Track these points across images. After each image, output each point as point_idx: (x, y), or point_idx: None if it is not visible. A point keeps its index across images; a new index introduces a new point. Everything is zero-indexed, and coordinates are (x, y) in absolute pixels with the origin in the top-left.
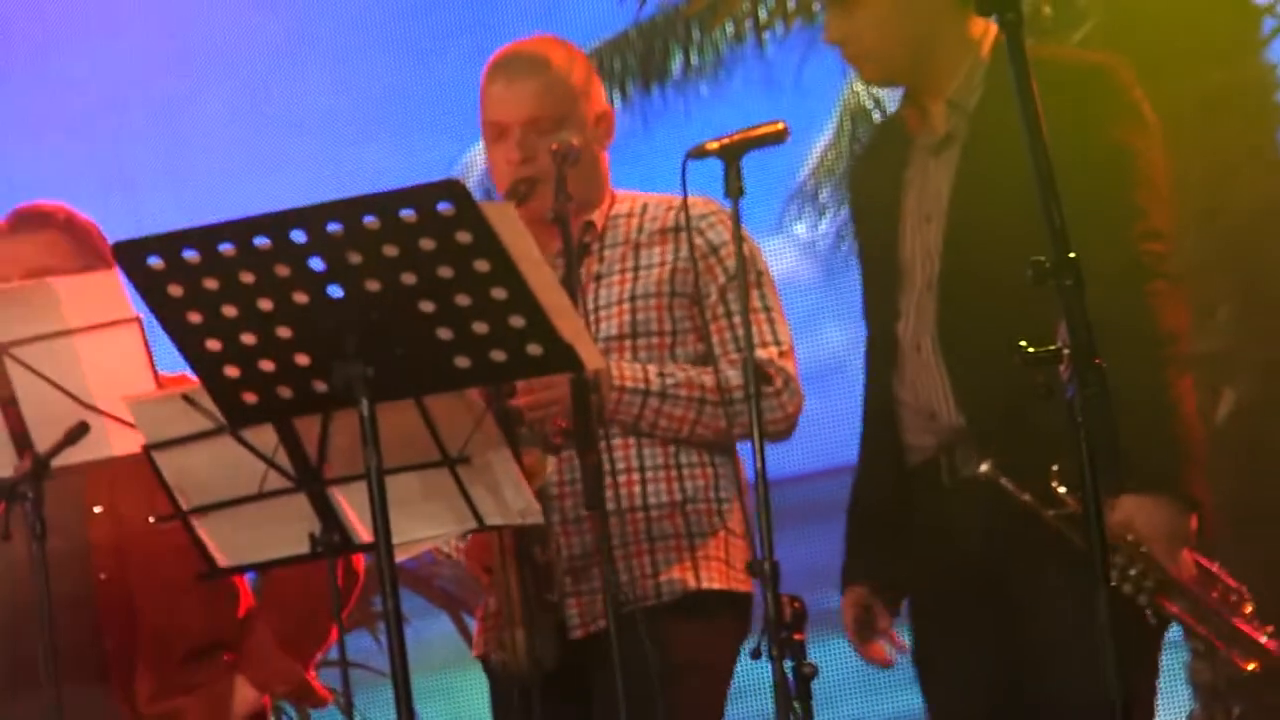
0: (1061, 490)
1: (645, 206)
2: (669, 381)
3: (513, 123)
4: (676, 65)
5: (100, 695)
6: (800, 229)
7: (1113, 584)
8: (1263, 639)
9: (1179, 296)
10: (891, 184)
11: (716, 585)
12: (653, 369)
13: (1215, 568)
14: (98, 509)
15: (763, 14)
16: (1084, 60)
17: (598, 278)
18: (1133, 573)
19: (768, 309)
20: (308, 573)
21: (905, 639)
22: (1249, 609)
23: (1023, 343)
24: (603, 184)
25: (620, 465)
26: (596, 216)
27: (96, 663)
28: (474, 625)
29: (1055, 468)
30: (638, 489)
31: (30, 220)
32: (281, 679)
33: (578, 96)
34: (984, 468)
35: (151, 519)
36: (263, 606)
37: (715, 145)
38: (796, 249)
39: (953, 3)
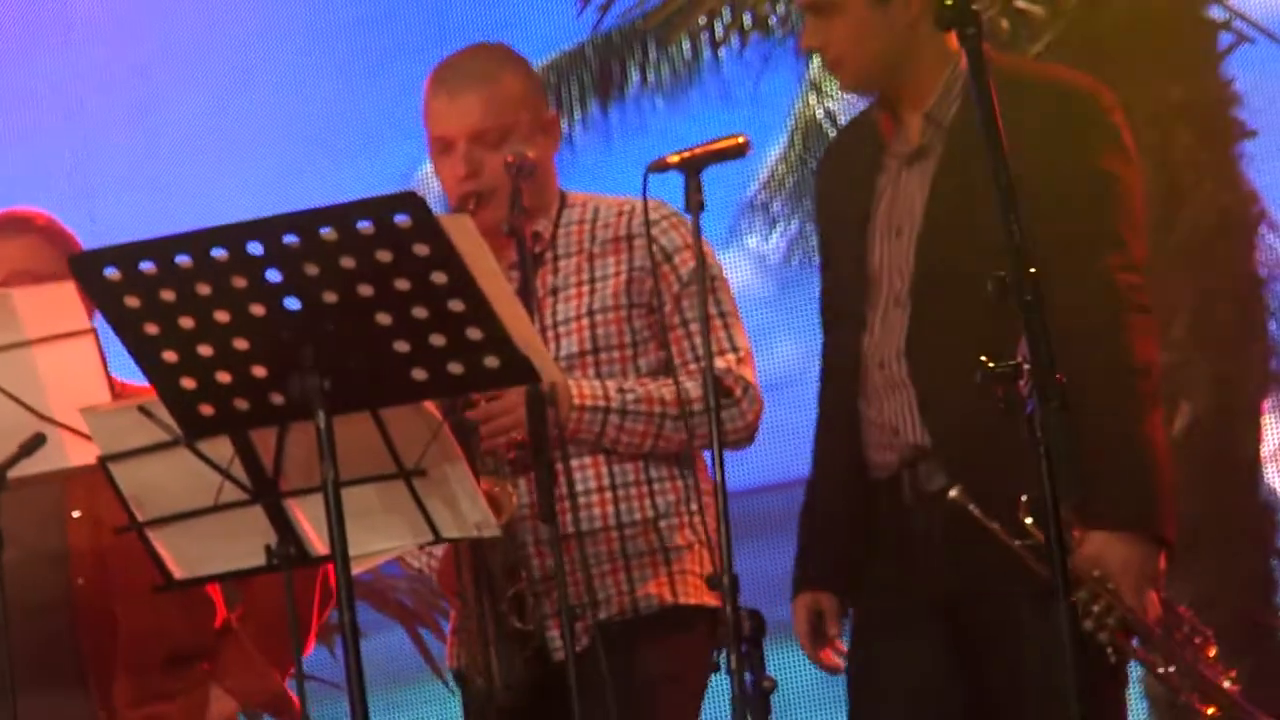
0: (1029, 521)
1: (596, 211)
2: (629, 398)
3: (457, 137)
4: (634, 81)
5: (78, 700)
6: (753, 242)
7: (1075, 620)
8: (1225, 683)
9: (1152, 329)
10: (862, 190)
11: (691, 600)
12: (612, 385)
13: (1182, 609)
14: (76, 514)
15: (719, 29)
16: (1067, 80)
17: (554, 291)
18: (1095, 609)
19: (724, 314)
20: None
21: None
22: (1213, 651)
23: (984, 358)
24: (552, 191)
25: (591, 484)
26: (545, 224)
27: (74, 668)
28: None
29: (1024, 498)
30: (610, 508)
31: (11, 224)
32: (259, 689)
33: (521, 106)
34: (953, 493)
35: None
36: (241, 616)
37: (676, 159)
38: (749, 262)
39: (930, 14)
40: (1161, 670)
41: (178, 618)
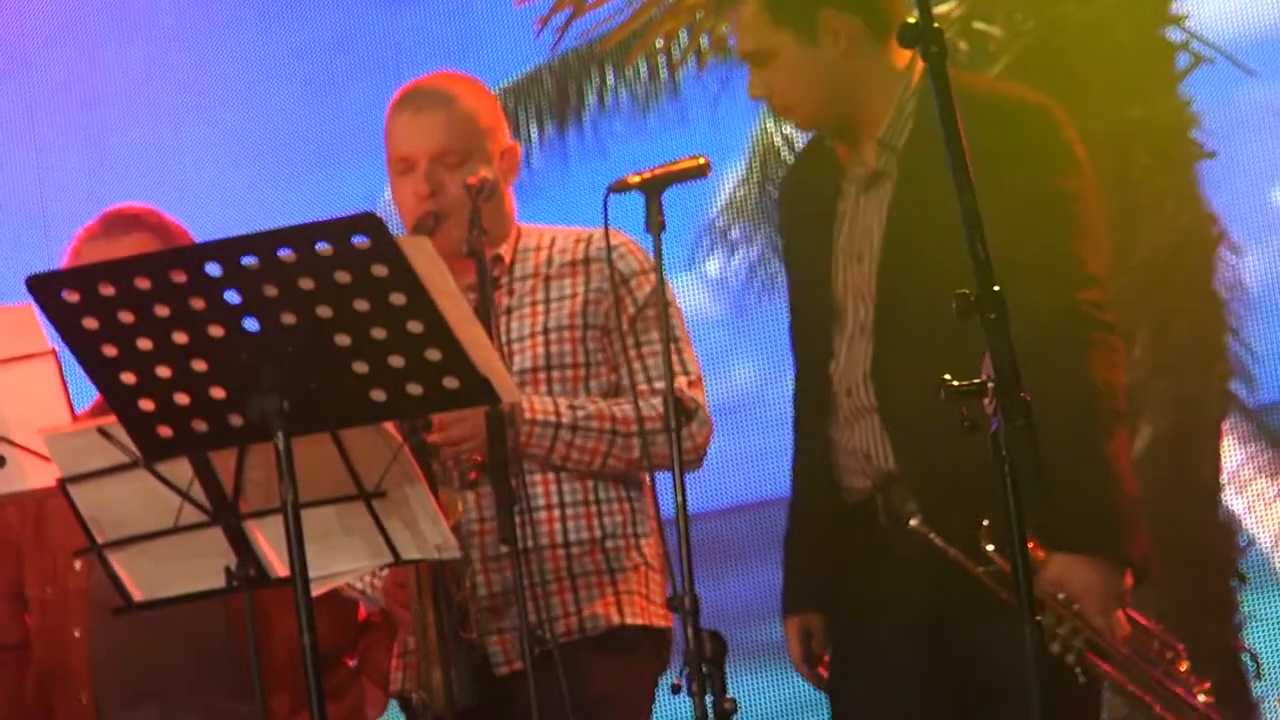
0: (989, 548)
1: (553, 239)
2: (580, 414)
3: (419, 156)
4: (591, 103)
5: (243, 710)
6: (711, 266)
7: (1040, 641)
8: (1200, 697)
9: (1116, 349)
10: (823, 215)
11: (639, 620)
12: (563, 401)
13: (1152, 624)
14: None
15: (676, 52)
16: (1018, 98)
17: (508, 311)
18: (1061, 631)
19: (675, 339)
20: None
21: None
22: (1184, 666)
23: (947, 376)
24: (509, 218)
25: (540, 502)
26: (505, 248)
27: (235, 676)
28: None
29: (985, 523)
30: (558, 525)
31: (120, 222)
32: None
33: (484, 131)
34: (914, 523)
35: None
36: (381, 616)
37: (637, 179)
38: (706, 286)
39: (868, 40)
40: (1131, 689)
41: (325, 620)
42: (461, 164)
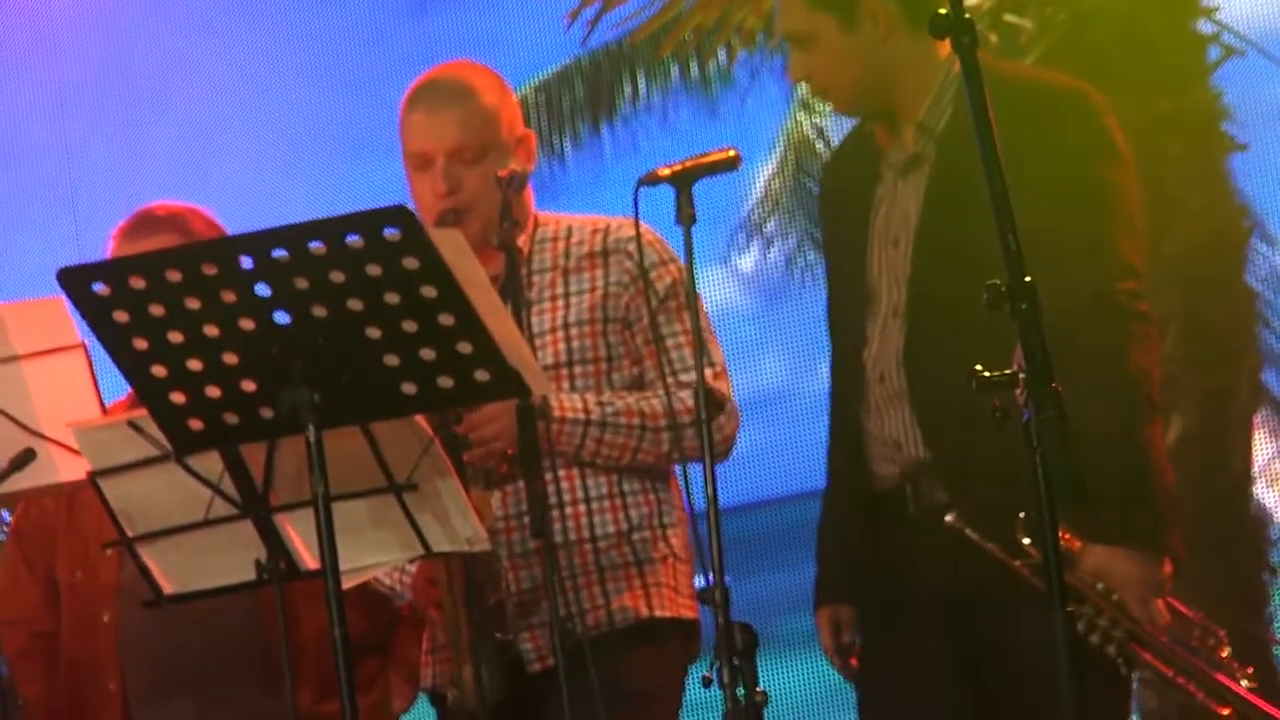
0: (1026, 542)
1: (570, 230)
2: (608, 410)
3: (436, 153)
4: (623, 99)
5: (270, 700)
6: (740, 260)
7: (1081, 634)
8: (1243, 682)
9: (1153, 337)
10: (861, 200)
11: (667, 613)
12: (591, 398)
13: (1192, 612)
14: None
15: (706, 46)
16: (1057, 84)
17: (528, 305)
18: (1102, 622)
19: (700, 331)
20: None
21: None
22: (1225, 652)
23: (978, 367)
24: (527, 209)
25: (566, 497)
26: (522, 240)
27: (265, 667)
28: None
29: (1021, 516)
30: (584, 520)
31: (147, 223)
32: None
33: (499, 123)
34: (949, 518)
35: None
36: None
37: (667, 172)
38: (736, 280)
39: (906, 26)
40: (1174, 677)
41: (357, 612)
42: (479, 159)
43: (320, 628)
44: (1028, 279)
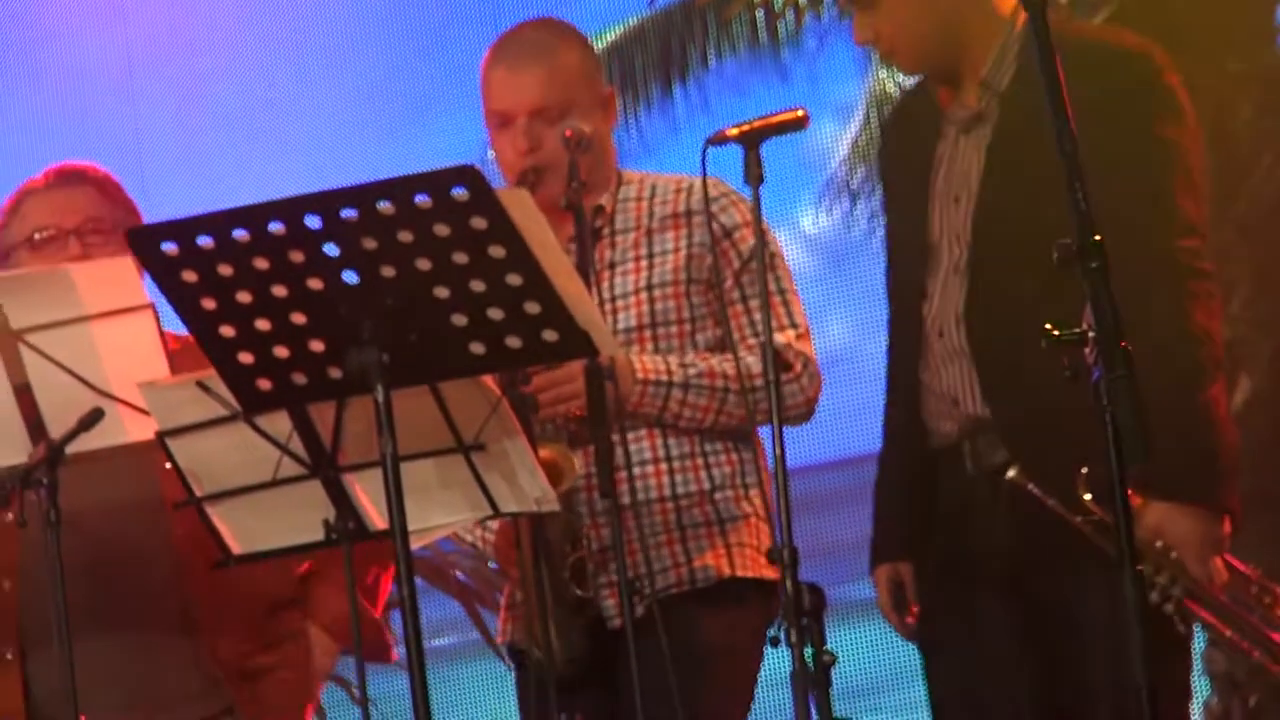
0: (1087, 498)
1: (654, 188)
2: (691, 372)
3: (518, 111)
4: (694, 60)
5: (187, 649)
6: (805, 219)
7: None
8: None
9: (1215, 296)
10: (922, 159)
11: (749, 573)
12: (674, 360)
13: (1250, 570)
14: (169, 465)
15: (777, 4)
16: (1119, 44)
17: (611, 265)
18: (1160, 580)
19: (783, 291)
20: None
21: None
22: None
23: (1048, 325)
24: (610, 166)
25: (647, 456)
26: (606, 198)
27: (180, 617)
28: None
29: (1084, 471)
30: (665, 479)
31: (69, 177)
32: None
33: (581, 81)
34: (1011, 473)
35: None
36: (323, 563)
37: (735, 132)
38: (803, 240)
39: None
40: (1230, 635)
41: (272, 566)
42: (561, 117)
43: (238, 580)
44: (1097, 237)
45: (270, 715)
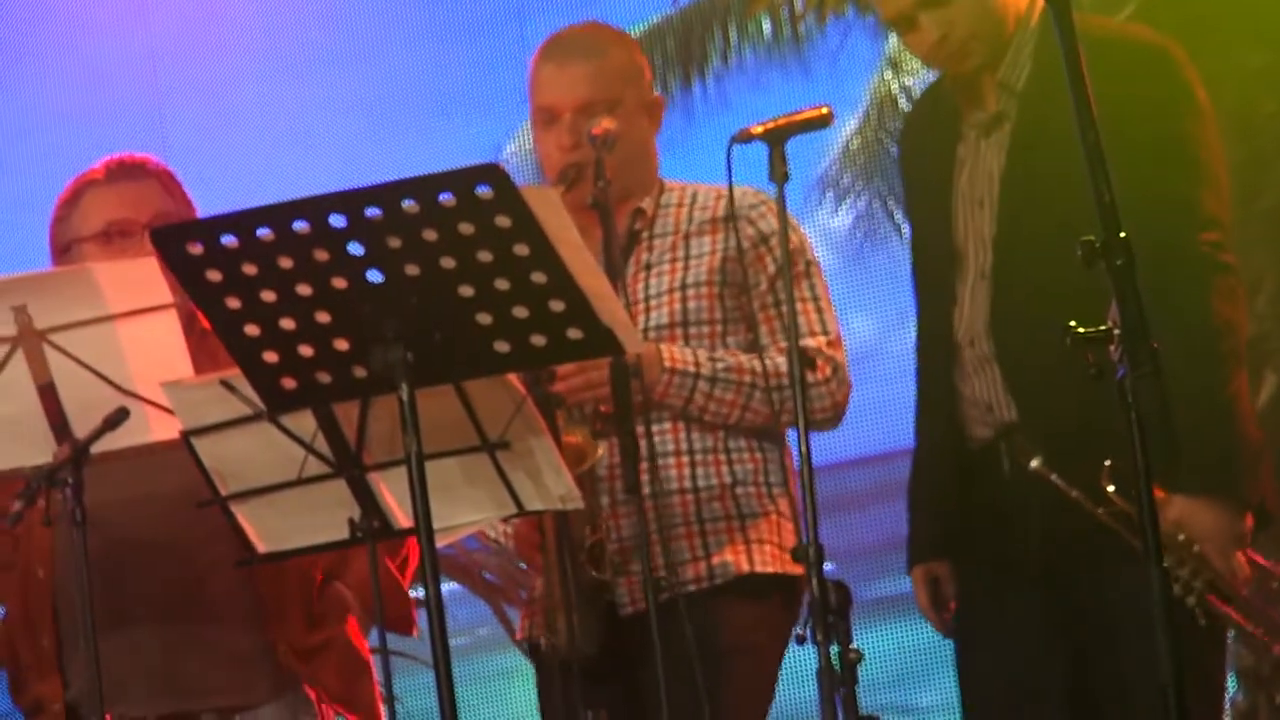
0: (1110, 489)
1: (695, 196)
2: (719, 366)
3: (564, 108)
4: (714, 57)
5: (255, 633)
6: (825, 217)
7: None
8: None
9: (1237, 290)
10: (943, 161)
11: (770, 569)
12: (703, 353)
13: (1272, 565)
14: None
15: (799, 4)
16: (1136, 39)
17: (647, 267)
18: (1182, 574)
19: (815, 298)
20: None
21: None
22: None
23: (1073, 323)
24: (653, 171)
25: (669, 448)
26: (647, 203)
27: (249, 601)
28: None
29: (1107, 463)
30: (687, 470)
31: (132, 170)
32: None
33: (628, 82)
34: (1034, 464)
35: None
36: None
37: (760, 129)
38: (821, 237)
39: None
40: (1253, 629)
41: None
42: (606, 115)
43: (302, 561)
44: (1123, 234)
45: (336, 683)
